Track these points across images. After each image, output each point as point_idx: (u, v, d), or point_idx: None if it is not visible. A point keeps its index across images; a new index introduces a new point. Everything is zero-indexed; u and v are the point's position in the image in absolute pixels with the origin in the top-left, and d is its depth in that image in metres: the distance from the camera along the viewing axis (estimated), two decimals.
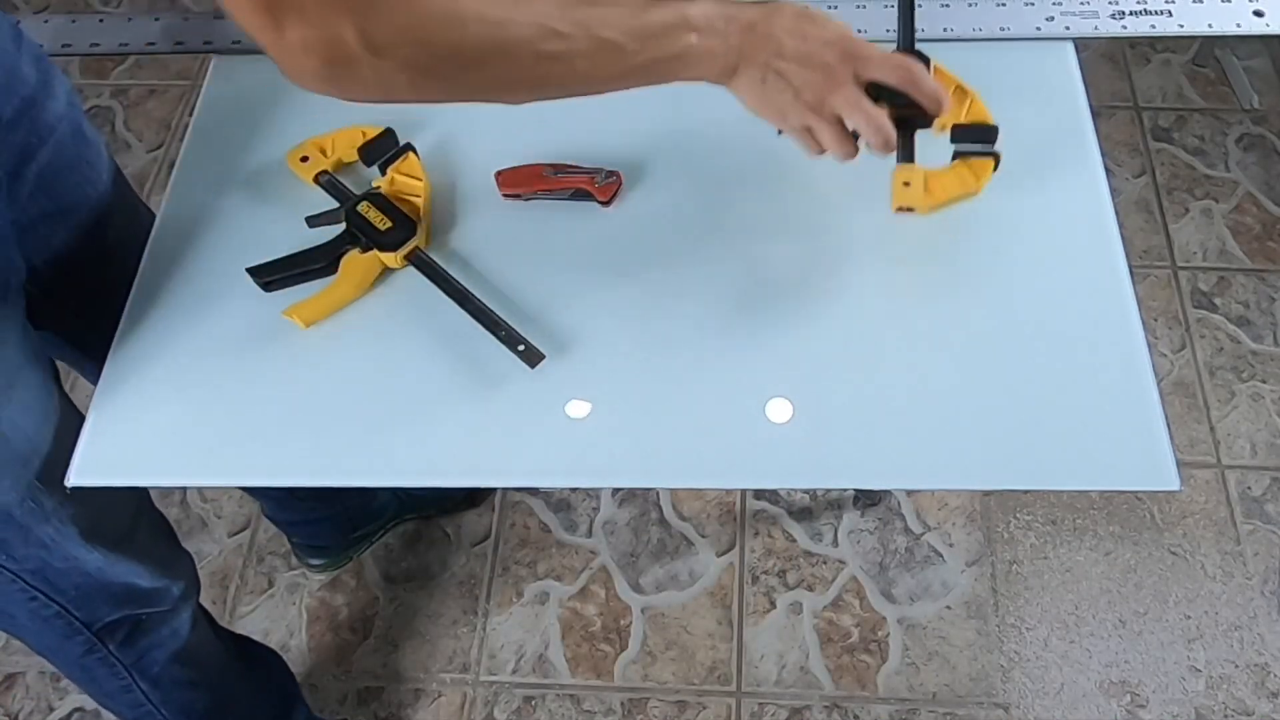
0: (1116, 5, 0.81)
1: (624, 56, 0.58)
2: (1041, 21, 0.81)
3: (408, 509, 1.43)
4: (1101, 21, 0.81)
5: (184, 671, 0.96)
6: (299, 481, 0.65)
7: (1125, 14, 0.81)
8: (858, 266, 0.70)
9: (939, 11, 0.82)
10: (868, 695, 1.30)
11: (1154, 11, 0.81)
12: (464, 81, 0.56)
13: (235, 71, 0.83)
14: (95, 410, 0.67)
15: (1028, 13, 0.82)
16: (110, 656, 0.88)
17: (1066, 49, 0.81)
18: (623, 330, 0.68)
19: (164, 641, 0.92)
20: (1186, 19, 0.80)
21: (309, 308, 0.69)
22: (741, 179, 0.75)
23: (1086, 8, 0.81)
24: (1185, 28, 0.80)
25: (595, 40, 0.57)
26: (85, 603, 0.83)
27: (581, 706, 1.30)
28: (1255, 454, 1.46)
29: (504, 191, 0.74)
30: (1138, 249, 1.65)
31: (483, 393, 0.66)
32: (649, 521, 1.44)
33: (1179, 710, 1.28)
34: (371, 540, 1.42)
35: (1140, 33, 0.80)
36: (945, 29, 0.81)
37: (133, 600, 0.86)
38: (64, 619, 0.82)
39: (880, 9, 0.81)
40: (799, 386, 0.66)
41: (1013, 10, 0.82)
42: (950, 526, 1.42)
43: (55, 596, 0.80)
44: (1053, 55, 0.80)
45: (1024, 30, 0.81)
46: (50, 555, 0.76)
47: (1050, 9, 0.82)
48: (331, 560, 1.40)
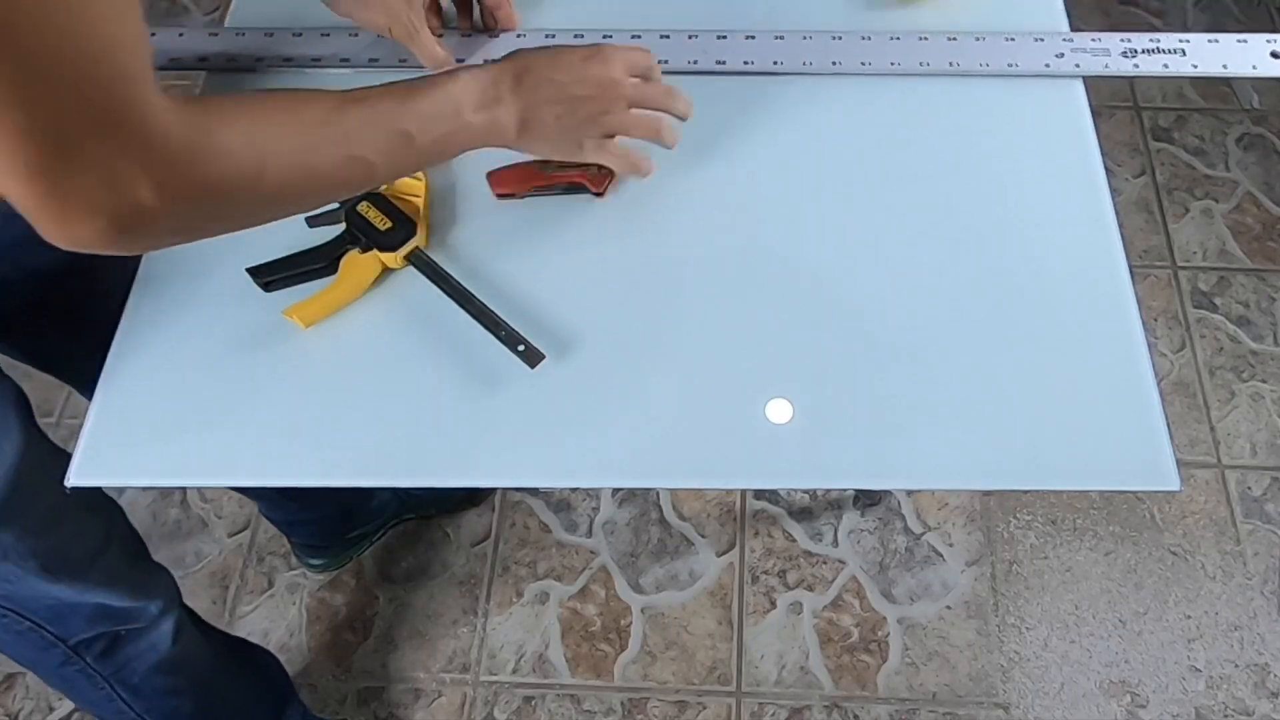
0: (1129, 43, 0.79)
1: (415, 150, 0.59)
2: (1051, 58, 0.78)
3: (408, 509, 1.42)
4: (1113, 60, 0.78)
5: (167, 680, 0.95)
6: (299, 481, 0.65)
7: (1137, 52, 0.78)
8: (859, 265, 0.70)
9: (945, 45, 0.79)
10: (868, 695, 1.30)
11: (1167, 50, 0.78)
12: (267, 213, 0.54)
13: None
14: (95, 410, 0.67)
15: (1036, 49, 0.79)
16: (89, 668, 0.87)
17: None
18: (623, 330, 0.68)
19: (143, 654, 0.91)
20: (1201, 59, 0.78)
21: (309, 308, 0.69)
22: (731, 161, 0.75)
23: (1097, 45, 0.79)
24: (1199, 68, 0.77)
25: (386, 143, 0.57)
26: (58, 621, 0.82)
27: (581, 706, 1.30)
28: (1255, 454, 1.46)
29: (497, 192, 0.74)
30: (1138, 249, 1.65)
31: (483, 393, 0.66)
32: (649, 521, 1.44)
33: (1179, 710, 1.28)
34: (371, 540, 1.42)
35: (1153, 72, 0.78)
36: (951, 63, 0.78)
37: (107, 619, 0.86)
38: (37, 633, 0.82)
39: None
40: (799, 386, 0.66)
41: (1021, 45, 0.79)
42: (950, 526, 1.42)
43: (27, 615, 0.80)
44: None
45: (1032, 67, 0.78)
46: (14, 588, 0.76)
47: (1060, 45, 0.79)
48: (331, 560, 1.39)
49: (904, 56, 0.78)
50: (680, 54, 0.79)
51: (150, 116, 0.44)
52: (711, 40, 0.80)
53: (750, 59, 0.79)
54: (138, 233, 0.46)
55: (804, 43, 0.80)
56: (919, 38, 0.79)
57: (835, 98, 0.78)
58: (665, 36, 0.80)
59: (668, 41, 0.80)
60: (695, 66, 0.79)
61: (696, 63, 0.79)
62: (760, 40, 0.80)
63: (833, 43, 0.80)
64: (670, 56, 0.79)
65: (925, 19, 0.82)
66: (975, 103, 0.75)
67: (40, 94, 0.40)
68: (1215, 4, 1.88)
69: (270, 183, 0.51)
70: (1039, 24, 0.82)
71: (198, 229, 0.51)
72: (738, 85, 0.79)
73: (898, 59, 0.78)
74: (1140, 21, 1.91)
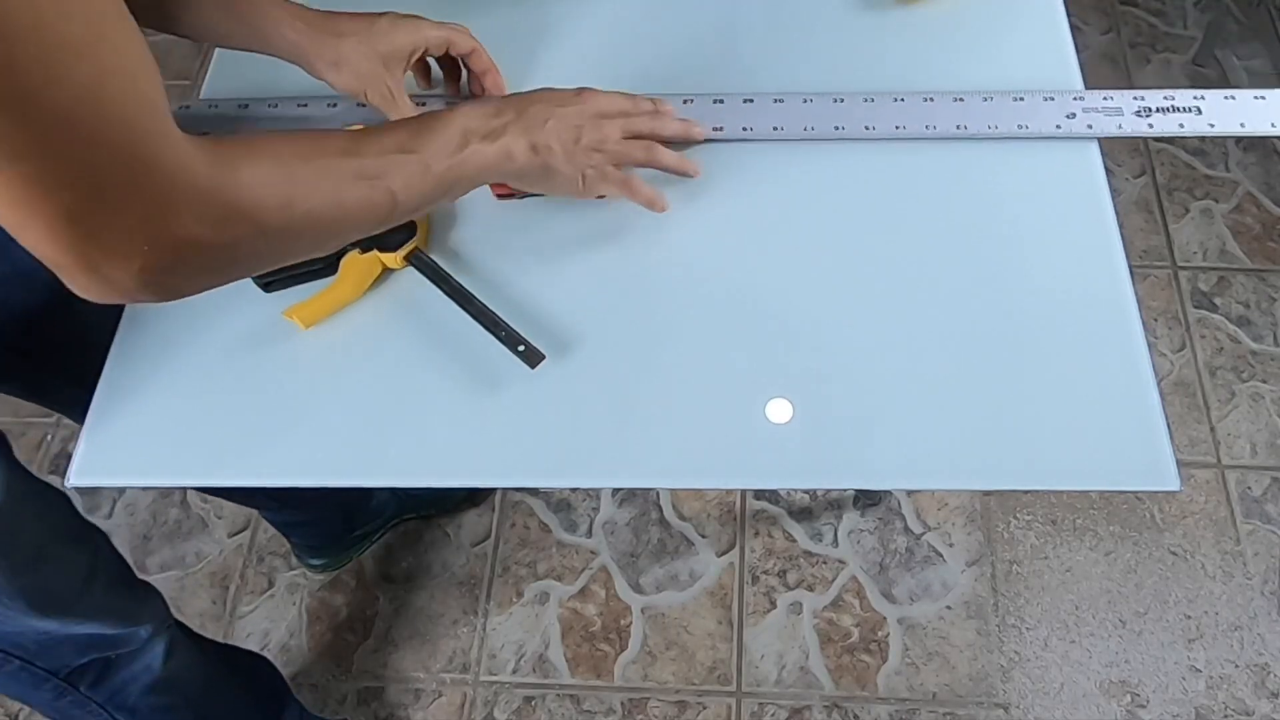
0: (1142, 101, 0.76)
1: (433, 179, 0.59)
2: (1062, 119, 0.75)
3: (407, 509, 1.43)
4: (1126, 119, 0.75)
5: (162, 699, 0.95)
6: (299, 482, 0.65)
7: (1152, 111, 0.75)
8: (860, 264, 0.70)
9: (952, 107, 0.75)
10: (868, 695, 1.30)
11: (1182, 109, 0.76)
12: (297, 246, 0.54)
13: (237, 65, 0.83)
14: (95, 410, 0.67)
15: (1047, 109, 0.75)
16: (83, 698, 0.87)
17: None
18: (623, 330, 0.68)
19: (137, 676, 0.91)
20: (1217, 118, 0.75)
21: (309, 308, 0.69)
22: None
23: (1110, 104, 0.76)
24: (1216, 127, 0.75)
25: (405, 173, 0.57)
26: (47, 654, 0.82)
27: (581, 706, 1.30)
28: (1255, 454, 1.46)
29: (497, 193, 0.74)
30: (1138, 249, 1.65)
31: (483, 393, 0.66)
32: (649, 521, 1.44)
33: (1179, 710, 1.28)
34: (371, 540, 1.42)
35: (1168, 132, 0.75)
36: (959, 126, 0.75)
37: (97, 646, 0.86)
38: (28, 671, 0.81)
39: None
40: (799, 386, 0.66)
41: (1031, 106, 0.75)
42: (950, 526, 1.42)
43: (15, 652, 0.80)
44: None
45: (1043, 128, 0.74)
46: (2, 625, 0.76)
47: (1071, 105, 0.75)
48: (331, 560, 1.40)
49: (910, 119, 0.75)
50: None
51: (178, 151, 0.43)
52: (708, 105, 0.76)
53: (749, 125, 0.75)
54: (173, 272, 0.46)
55: (805, 106, 0.76)
56: (924, 99, 0.76)
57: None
58: None
59: None
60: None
61: None
62: (759, 103, 0.76)
63: (835, 106, 0.76)
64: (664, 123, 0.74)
65: (925, 19, 0.82)
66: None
67: (66, 143, 0.39)
68: (1215, 4, 1.88)
69: (299, 212, 0.51)
70: (1041, 30, 0.82)
71: (230, 266, 0.50)
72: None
73: (903, 122, 0.75)
74: (1140, 21, 1.91)
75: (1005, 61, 0.80)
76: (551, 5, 0.85)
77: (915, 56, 0.80)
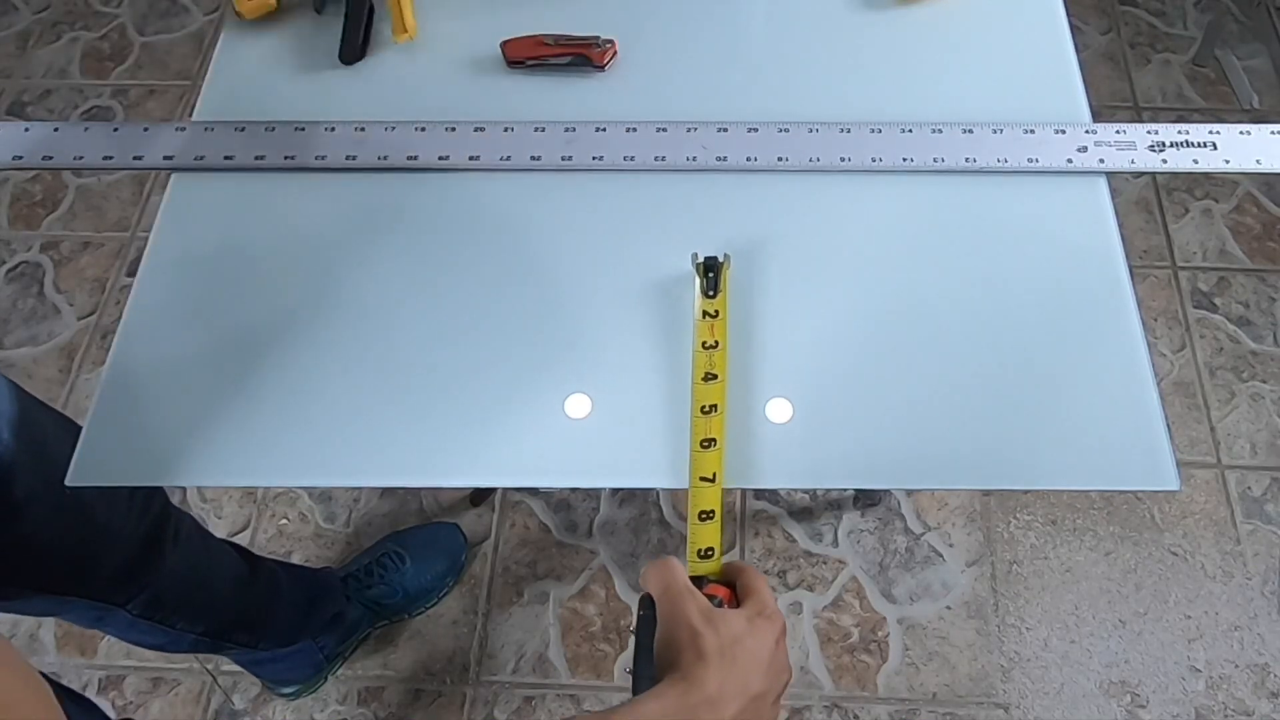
0: (1155, 136, 0.74)
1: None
2: (1073, 153, 0.73)
3: (380, 618, 1.35)
4: (1139, 154, 0.74)
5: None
6: (299, 482, 0.65)
7: (1165, 145, 0.74)
8: (859, 264, 0.70)
9: (960, 139, 0.74)
10: (868, 695, 1.30)
11: (1196, 144, 0.74)
12: None
13: (232, 86, 0.83)
14: (95, 410, 0.67)
15: (1057, 142, 0.74)
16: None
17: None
18: (623, 330, 0.68)
19: None
20: (1233, 153, 0.74)
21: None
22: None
23: (1122, 138, 0.74)
24: (1231, 163, 0.73)
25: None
26: None
27: (582, 706, 1.30)
28: (1255, 454, 1.46)
29: (510, 58, 0.79)
30: (1138, 249, 1.65)
31: (483, 392, 0.66)
32: (648, 522, 1.44)
33: (1179, 710, 1.28)
34: (344, 658, 1.34)
35: (1182, 167, 0.74)
36: (968, 159, 0.73)
37: None
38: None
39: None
40: (799, 386, 0.66)
41: (1041, 139, 0.74)
42: (950, 526, 1.42)
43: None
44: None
45: (1054, 162, 0.73)
46: None
47: (1083, 138, 0.74)
48: (304, 686, 1.31)
49: (918, 151, 0.74)
50: (679, 150, 0.74)
51: None
52: (712, 133, 0.75)
53: (753, 155, 0.74)
54: None
55: (810, 136, 0.75)
56: (933, 129, 0.75)
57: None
58: (662, 130, 0.75)
59: (665, 135, 0.75)
60: (694, 164, 0.74)
61: (695, 159, 0.74)
62: (764, 133, 0.75)
63: (840, 136, 0.74)
64: (668, 153, 0.74)
65: (926, 18, 0.82)
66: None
67: None
68: (1215, 4, 1.88)
69: None
70: (1044, 40, 0.82)
71: None
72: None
73: (910, 154, 0.74)
74: (1140, 21, 1.91)
75: (1006, 62, 0.80)
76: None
77: (916, 56, 0.80)
